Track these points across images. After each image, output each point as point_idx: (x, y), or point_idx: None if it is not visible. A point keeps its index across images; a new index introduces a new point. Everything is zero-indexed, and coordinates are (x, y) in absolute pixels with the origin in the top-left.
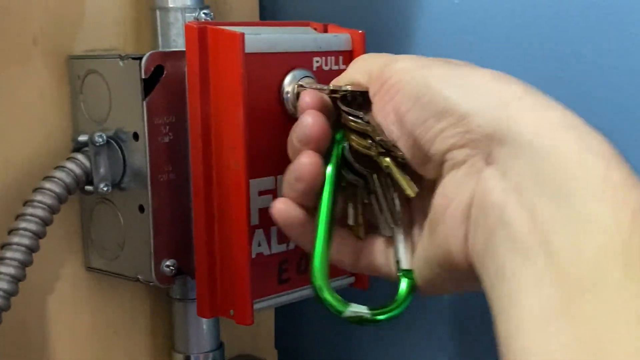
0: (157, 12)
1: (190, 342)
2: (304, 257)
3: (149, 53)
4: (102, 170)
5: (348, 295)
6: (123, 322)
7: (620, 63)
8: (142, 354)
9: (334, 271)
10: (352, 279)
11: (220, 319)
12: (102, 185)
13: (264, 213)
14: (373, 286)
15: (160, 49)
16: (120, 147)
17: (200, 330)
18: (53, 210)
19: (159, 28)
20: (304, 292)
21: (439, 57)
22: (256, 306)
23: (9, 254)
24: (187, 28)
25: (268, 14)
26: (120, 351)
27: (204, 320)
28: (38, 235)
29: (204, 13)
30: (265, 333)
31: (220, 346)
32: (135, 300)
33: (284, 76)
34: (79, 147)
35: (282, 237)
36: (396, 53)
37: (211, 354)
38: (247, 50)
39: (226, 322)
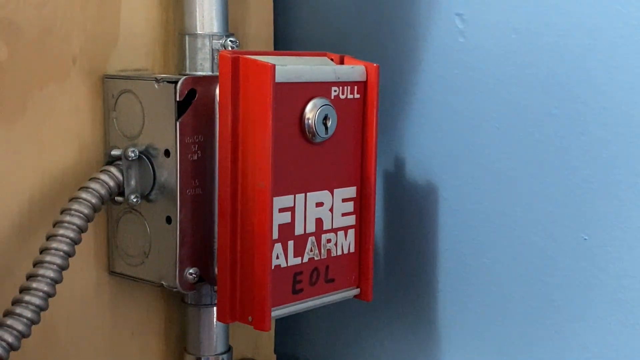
0: (186, 38)
1: (203, 345)
2: (316, 270)
3: (184, 78)
4: (132, 182)
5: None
6: (139, 325)
7: (612, 105)
8: (155, 356)
9: (339, 283)
10: (357, 291)
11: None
12: (132, 197)
13: (283, 228)
14: (376, 297)
15: (188, 72)
16: (150, 162)
17: (212, 334)
18: (88, 219)
19: (187, 52)
20: (315, 302)
21: (444, 91)
22: (273, 314)
23: (48, 258)
24: (222, 57)
25: (281, 41)
26: (136, 352)
27: (216, 325)
28: (75, 242)
29: (230, 40)
30: (265, 338)
31: (229, 349)
32: (151, 304)
33: (306, 104)
34: (111, 161)
35: (298, 251)
36: (403, 85)
37: (221, 356)
38: (276, 80)
39: (230, 327)
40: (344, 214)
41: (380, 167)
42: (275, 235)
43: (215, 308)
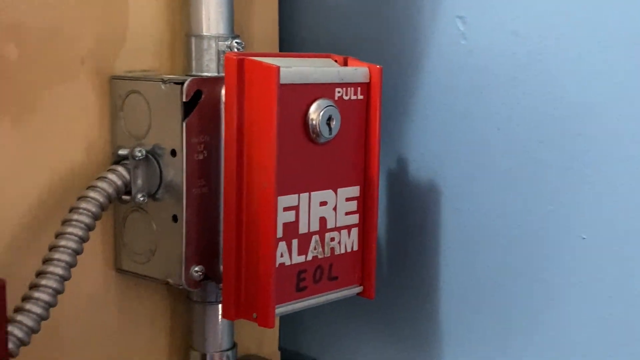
0: (192, 39)
1: (208, 341)
2: (319, 268)
3: (190, 79)
4: (139, 181)
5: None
6: (146, 322)
7: (609, 107)
8: (161, 352)
9: (342, 280)
10: (360, 289)
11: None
12: (139, 196)
13: (287, 227)
14: (379, 295)
15: (194, 73)
16: (157, 162)
17: (217, 331)
18: (96, 217)
19: (193, 53)
20: (319, 300)
21: (446, 92)
22: (277, 311)
23: (57, 255)
24: (227, 59)
25: (286, 42)
26: (142, 348)
27: (221, 322)
28: (83, 240)
29: (236, 42)
30: (270, 335)
31: (234, 346)
32: (157, 302)
33: (310, 105)
34: (118, 160)
35: (302, 249)
36: (406, 86)
37: (226, 353)
38: (281, 81)
39: (235, 323)
40: (347, 213)
41: (383, 167)
42: (279, 234)
43: (220, 305)
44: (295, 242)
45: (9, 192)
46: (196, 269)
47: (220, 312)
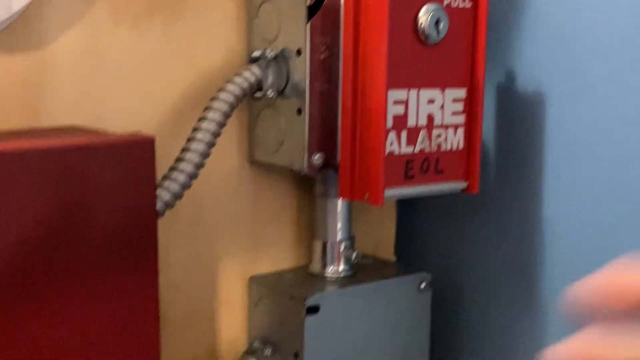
0: None
1: (329, 230)
2: (426, 161)
3: None
4: (270, 79)
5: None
6: (274, 213)
7: None
8: (289, 241)
9: (448, 174)
10: (465, 184)
11: (353, 221)
12: (269, 92)
13: (397, 119)
14: (485, 193)
15: None
16: (285, 62)
17: (337, 222)
18: (232, 106)
19: None
20: (425, 189)
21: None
22: (386, 193)
23: (199, 135)
24: None
25: None
26: (272, 237)
27: (341, 214)
28: (221, 124)
29: None
30: (386, 237)
31: (351, 237)
32: (285, 196)
33: (419, 9)
34: (252, 61)
35: (410, 141)
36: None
37: (344, 242)
38: None
39: (355, 225)
40: (453, 113)
41: (490, 76)
42: (389, 124)
43: (339, 199)
44: (404, 133)
45: (159, 87)
46: (317, 156)
47: (339, 205)
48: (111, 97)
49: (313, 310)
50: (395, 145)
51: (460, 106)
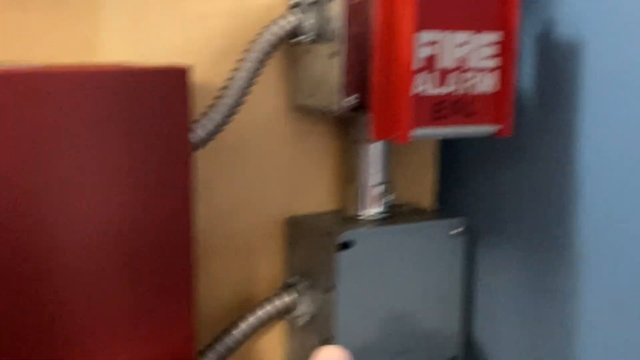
0: None
1: (364, 174)
2: (457, 103)
3: None
4: (308, 24)
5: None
6: (313, 157)
7: None
8: (325, 185)
9: (479, 117)
10: (497, 127)
11: (392, 170)
12: (307, 37)
13: (428, 60)
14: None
15: None
16: (322, 7)
17: (372, 166)
18: (271, 49)
19: None
20: (455, 130)
21: None
22: (414, 133)
23: (238, 75)
24: None
25: None
26: (309, 180)
27: (376, 158)
28: (260, 66)
29: None
30: (426, 187)
31: (387, 182)
32: (323, 141)
33: None
34: (293, 6)
35: (441, 82)
36: None
37: (379, 186)
38: None
39: (394, 175)
40: (486, 57)
41: (528, 22)
42: (420, 65)
43: (375, 143)
44: (434, 75)
45: (202, 27)
46: (351, 98)
47: (372, 149)
48: (156, 36)
49: (345, 246)
50: (425, 86)
51: (493, 50)
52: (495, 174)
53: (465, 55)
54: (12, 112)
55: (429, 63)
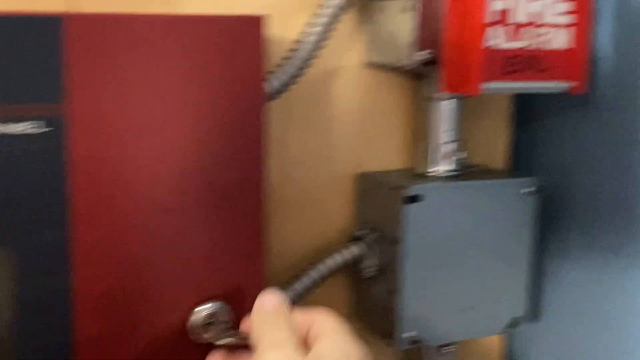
0: None
1: (435, 131)
2: (531, 58)
3: None
4: None
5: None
6: (386, 115)
7: None
8: (397, 143)
9: (553, 73)
10: (571, 84)
11: (465, 130)
12: None
13: (501, 14)
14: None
15: None
16: None
17: (443, 123)
18: (347, 3)
19: None
20: (527, 85)
21: None
22: (485, 86)
23: (313, 29)
24: None
25: None
26: (381, 138)
27: (448, 115)
28: (334, 20)
29: None
30: (499, 147)
31: (459, 140)
32: (397, 98)
33: None
34: None
35: (516, 37)
36: None
37: (450, 144)
38: None
39: (468, 136)
40: (562, 12)
41: None
42: (492, 18)
43: (447, 101)
44: (508, 29)
45: None
46: (424, 52)
47: (446, 106)
48: None
49: (413, 199)
50: (498, 39)
51: (568, 6)
52: (569, 136)
53: (540, 10)
54: (107, 55)
55: (502, 17)
